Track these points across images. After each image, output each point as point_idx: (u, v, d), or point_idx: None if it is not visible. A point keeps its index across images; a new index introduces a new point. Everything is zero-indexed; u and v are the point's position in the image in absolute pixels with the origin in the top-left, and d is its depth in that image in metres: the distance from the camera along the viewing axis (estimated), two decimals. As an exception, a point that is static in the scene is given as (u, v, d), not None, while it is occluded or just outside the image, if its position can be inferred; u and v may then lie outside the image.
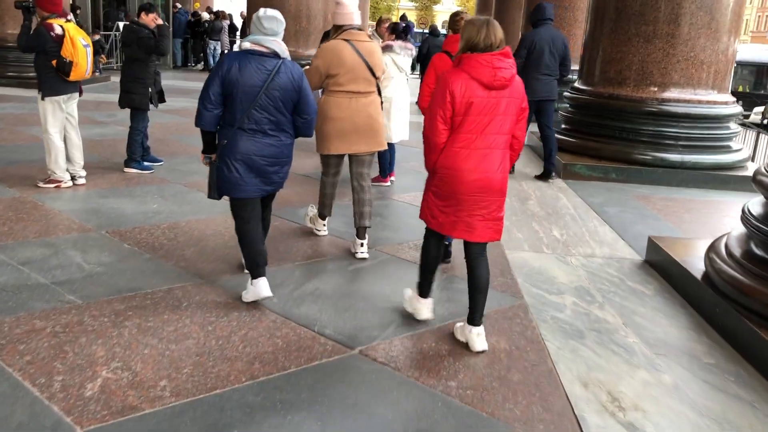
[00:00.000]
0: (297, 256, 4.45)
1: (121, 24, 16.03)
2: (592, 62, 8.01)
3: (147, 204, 5.43)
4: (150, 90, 6.41)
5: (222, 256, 4.33)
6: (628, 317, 3.81)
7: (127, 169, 6.48)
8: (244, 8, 16.09)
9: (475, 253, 3.29)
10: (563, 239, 5.19)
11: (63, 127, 5.80)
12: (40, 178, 5.80)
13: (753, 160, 9.22)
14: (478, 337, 3.25)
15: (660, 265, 4.56)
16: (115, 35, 16.94)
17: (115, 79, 7.40)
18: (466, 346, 3.28)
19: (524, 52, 7.15)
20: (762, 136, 10.97)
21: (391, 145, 6.32)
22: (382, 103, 4.71)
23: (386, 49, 6.05)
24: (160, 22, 6.45)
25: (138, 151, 6.56)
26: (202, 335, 3.24)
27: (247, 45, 3.55)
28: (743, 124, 10.56)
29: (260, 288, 3.61)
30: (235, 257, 4.26)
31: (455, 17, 4.74)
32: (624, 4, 7.48)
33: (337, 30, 4.53)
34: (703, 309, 3.86)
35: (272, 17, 3.54)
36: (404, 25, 6.20)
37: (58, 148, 5.73)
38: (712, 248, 4.05)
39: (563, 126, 8.37)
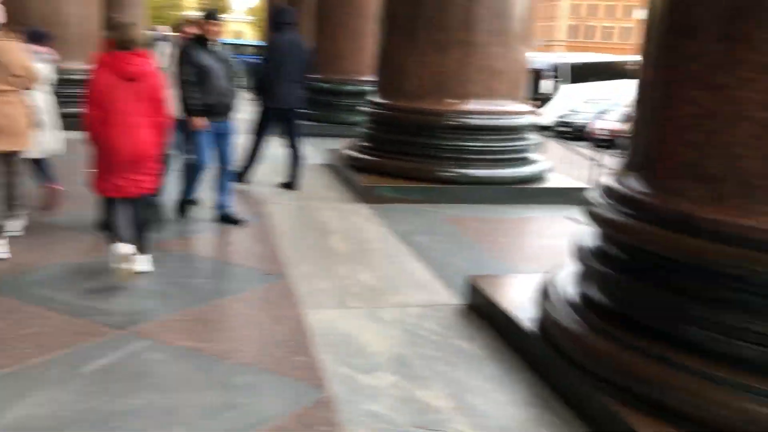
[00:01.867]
0: (14, 354, 3.10)
1: None
2: (386, 75, 7.35)
3: None
4: None
5: None
6: (461, 397, 3.01)
7: None
8: None
9: (127, 207, 4.09)
10: (374, 285, 4.35)
11: None
12: None
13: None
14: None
15: (486, 313, 3.86)
16: None
17: None
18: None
19: (277, 56, 6.63)
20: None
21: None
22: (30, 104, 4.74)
23: None
24: None
25: None
26: None
27: None
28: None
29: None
30: None
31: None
32: (416, 12, 6.89)
33: None
34: (546, 374, 3.18)
35: None
36: (42, 31, 5.63)
37: None
38: (546, 295, 3.40)
39: (363, 144, 7.62)
